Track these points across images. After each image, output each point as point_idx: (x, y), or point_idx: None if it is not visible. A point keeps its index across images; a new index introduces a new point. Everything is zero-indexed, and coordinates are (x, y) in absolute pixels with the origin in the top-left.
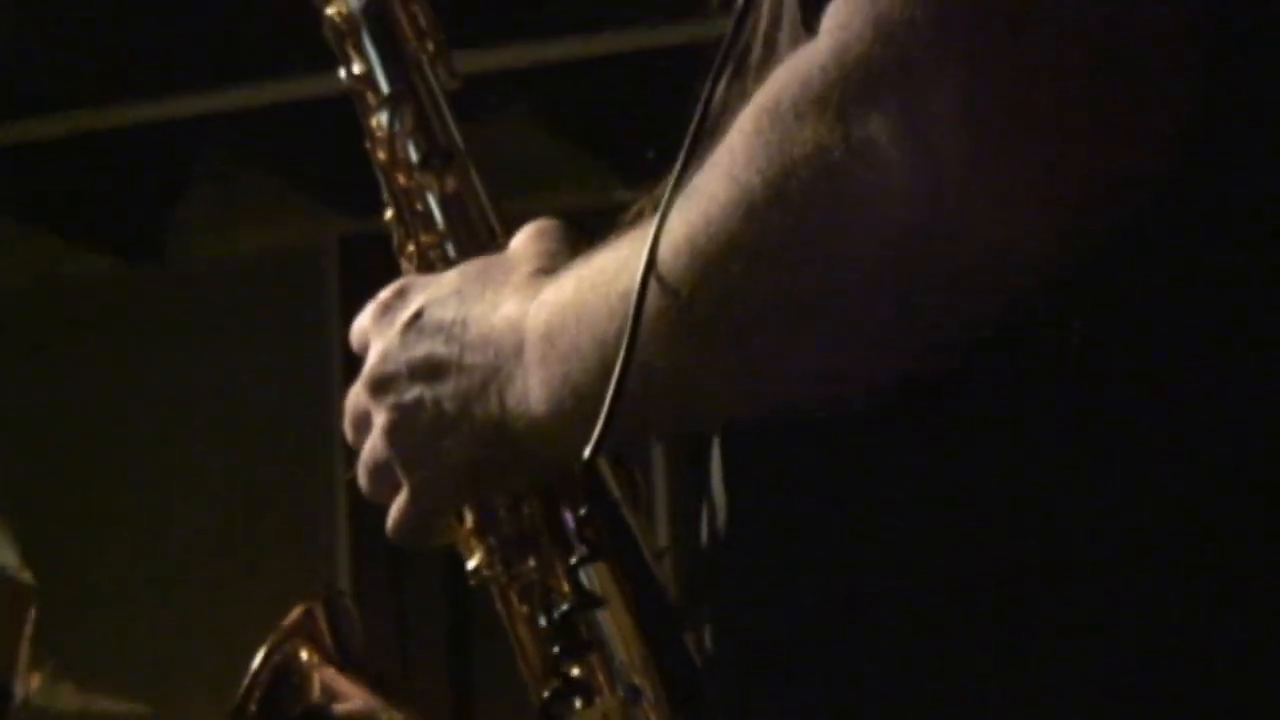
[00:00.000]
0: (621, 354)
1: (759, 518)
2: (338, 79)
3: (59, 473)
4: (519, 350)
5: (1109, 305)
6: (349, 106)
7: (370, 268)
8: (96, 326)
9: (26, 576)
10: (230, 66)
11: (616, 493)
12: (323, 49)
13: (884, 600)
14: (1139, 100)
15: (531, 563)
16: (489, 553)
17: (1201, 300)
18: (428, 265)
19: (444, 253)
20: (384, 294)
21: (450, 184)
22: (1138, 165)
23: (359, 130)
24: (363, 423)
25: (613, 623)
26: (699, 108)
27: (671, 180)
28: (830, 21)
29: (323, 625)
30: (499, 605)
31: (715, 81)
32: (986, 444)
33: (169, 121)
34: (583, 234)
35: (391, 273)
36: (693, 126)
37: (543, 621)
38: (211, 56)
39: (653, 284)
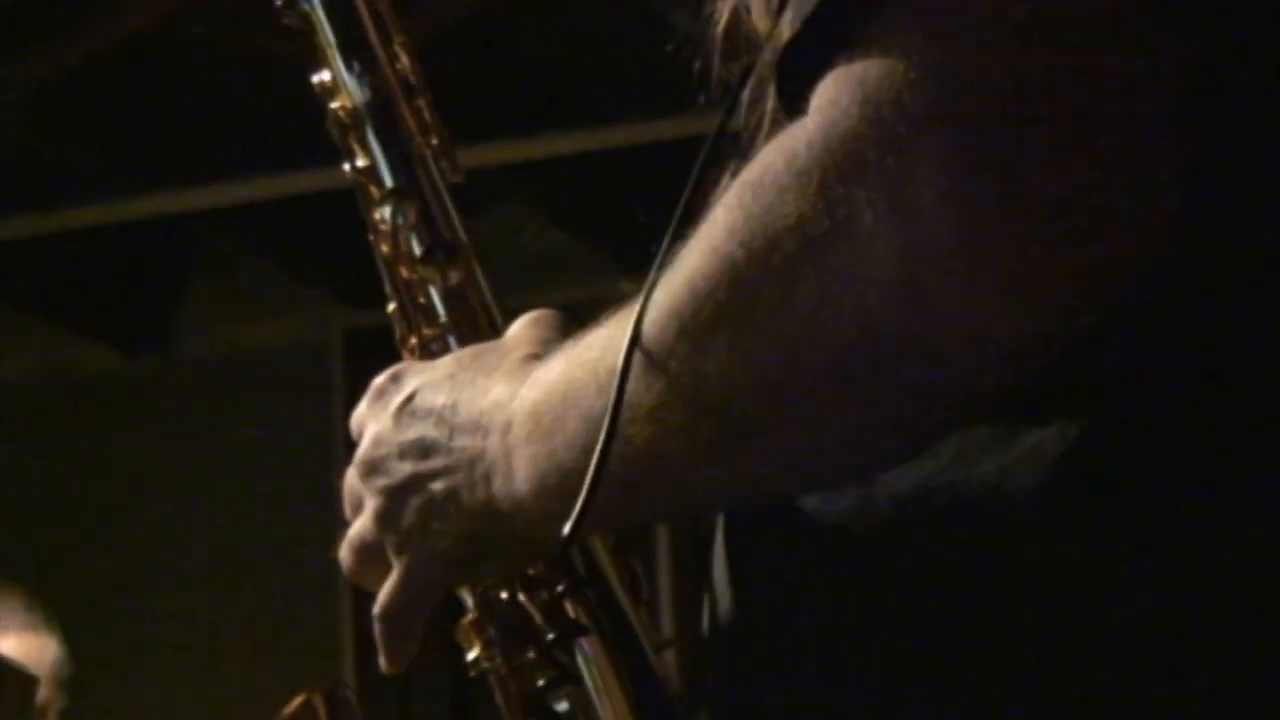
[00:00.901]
0: (604, 427)
1: (761, 606)
2: (341, 172)
3: (62, 562)
4: (506, 430)
5: (1094, 401)
6: (353, 200)
7: (375, 361)
8: (101, 418)
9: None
10: (234, 160)
11: (614, 582)
12: (326, 142)
13: (888, 689)
14: (1128, 188)
15: (530, 654)
16: (487, 645)
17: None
18: (429, 358)
19: (446, 345)
20: (379, 379)
21: (453, 277)
22: (1125, 253)
23: (363, 223)
24: (357, 505)
25: (609, 711)
26: (687, 188)
27: (659, 256)
28: (819, 98)
29: (322, 718)
30: (498, 697)
31: (705, 162)
32: (981, 542)
33: (173, 215)
34: (580, 324)
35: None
36: (681, 205)
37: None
38: (215, 150)
39: (637, 358)
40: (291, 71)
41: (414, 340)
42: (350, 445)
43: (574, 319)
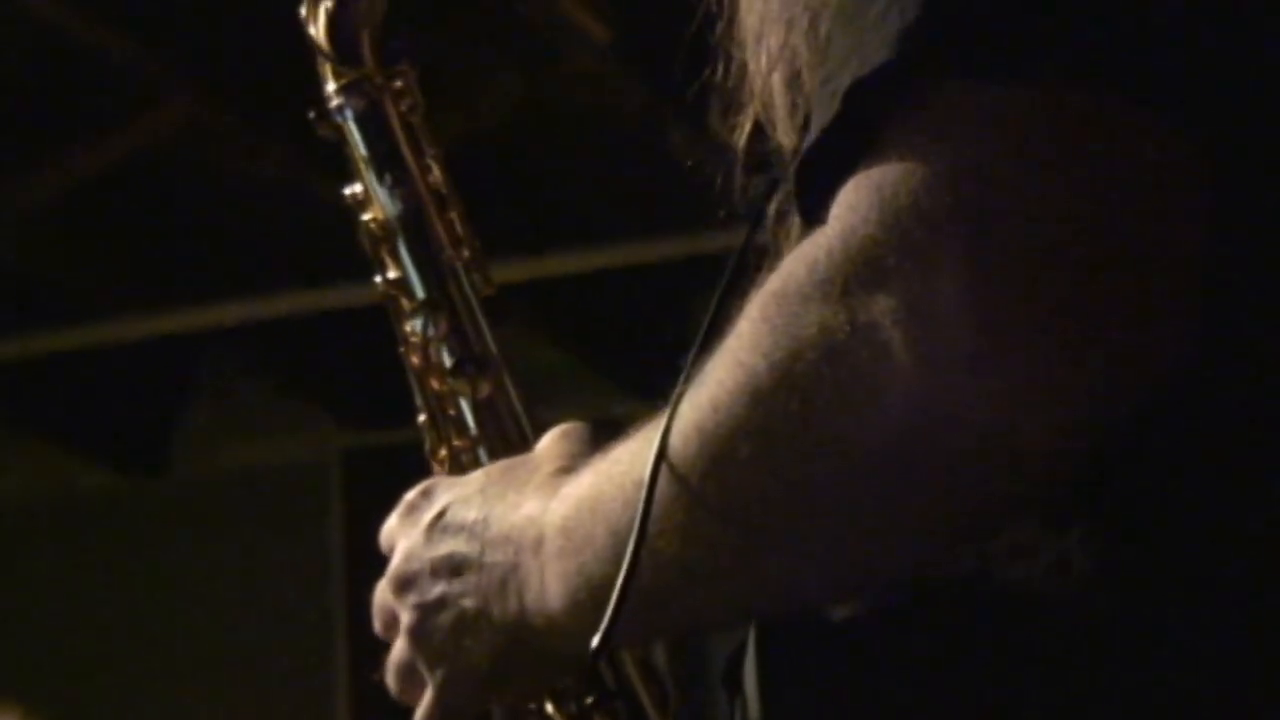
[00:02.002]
0: (632, 540)
1: (791, 714)
2: (340, 292)
3: (58, 680)
4: (537, 546)
5: (1118, 508)
6: (351, 320)
7: (373, 481)
8: (98, 538)
9: None
10: (231, 281)
11: (643, 695)
12: (322, 263)
13: None
14: (1151, 294)
15: None
16: None
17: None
18: (459, 469)
19: (476, 458)
20: (410, 494)
21: (483, 390)
22: (1148, 359)
23: (362, 344)
24: (391, 622)
25: None
26: (714, 301)
27: (685, 369)
28: (839, 207)
29: None
30: None
31: (732, 276)
32: (1009, 652)
33: (170, 335)
34: (608, 435)
35: (394, 487)
36: (707, 319)
37: None
38: (212, 271)
39: (664, 472)
40: (287, 193)
41: (444, 452)
42: (351, 567)
43: (603, 431)
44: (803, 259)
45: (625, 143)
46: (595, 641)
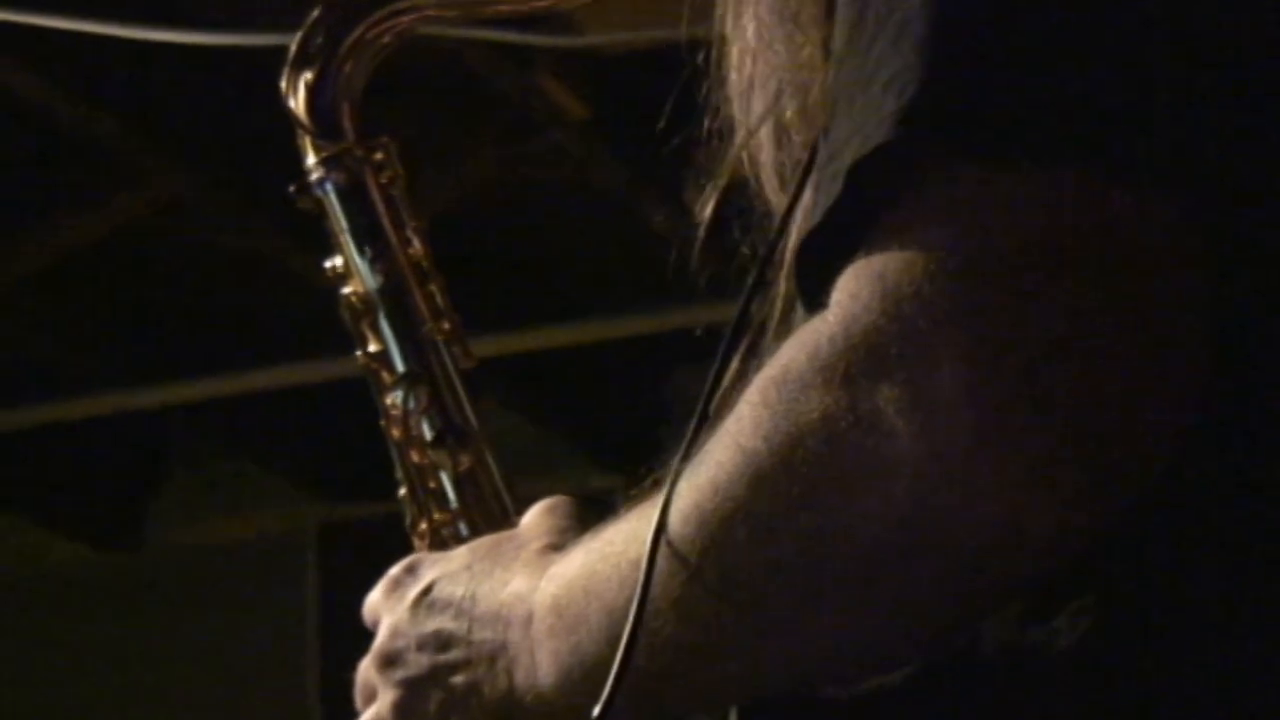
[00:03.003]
0: (630, 619)
1: None
2: (316, 367)
3: None
4: (527, 624)
5: (1106, 591)
6: (328, 394)
7: (349, 555)
8: (74, 612)
9: None
10: (206, 356)
11: None
12: (297, 338)
13: None
14: (1151, 387)
15: None
16: None
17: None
18: (440, 543)
19: (456, 531)
20: (395, 570)
21: (464, 462)
22: (1146, 451)
23: (338, 419)
24: (371, 698)
25: None
26: (709, 382)
27: (681, 449)
28: (840, 293)
29: None
30: None
31: (725, 358)
32: None
33: (145, 410)
34: (593, 512)
35: (370, 561)
36: (703, 398)
37: None
38: (187, 346)
39: (662, 552)
40: (264, 269)
41: (424, 525)
42: (325, 640)
43: (588, 507)
44: (804, 345)
45: (603, 218)
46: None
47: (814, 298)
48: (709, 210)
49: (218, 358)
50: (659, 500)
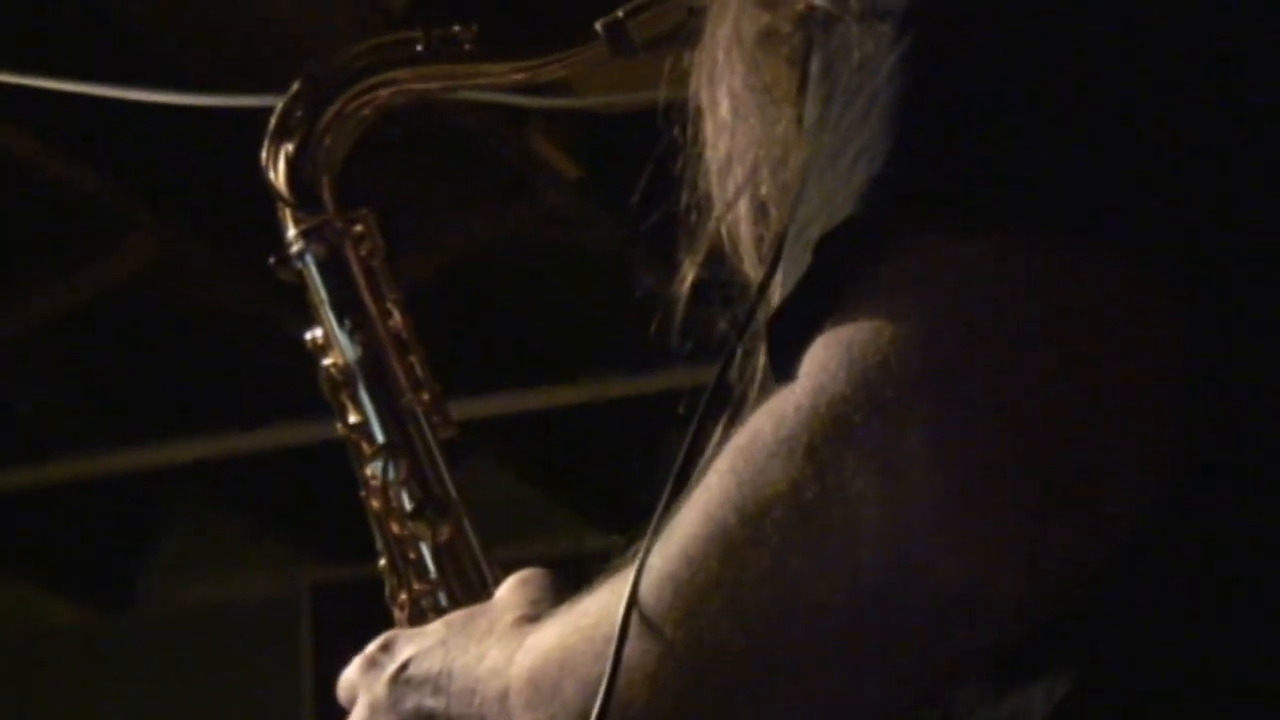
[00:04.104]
0: (601, 693)
1: None
2: (308, 427)
3: None
4: (503, 698)
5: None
6: (320, 454)
7: (342, 615)
8: (67, 673)
9: None
10: (199, 416)
11: None
12: (290, 399)
13: None
14: (1119, 454)
15: None
16: None
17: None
18: (419, 614)
19: (436, 602)
20: (370, 647)
21: (443, 533)
22: (1115, 518)
23: (330, 478)
24: None
25: None
26: (681, 450)
27: (653, 522)
28: (808, 364)
29: None
30: None
31: (698, 425)
32: None
33: (139, 470)
34: (568, 582)
35: (364, 620)
36: (675, 469)
37: None
38: (181, 405)
39: (634, 624)
40: (256, 328)
41: (404, 596)
42: (319, 701)
43: (562, 577)
44: (772, 414)
45: (596, 278)
46: None
47: (785, 369)
48: (687, 285)
49: (210, 418)
50: (631, 572)
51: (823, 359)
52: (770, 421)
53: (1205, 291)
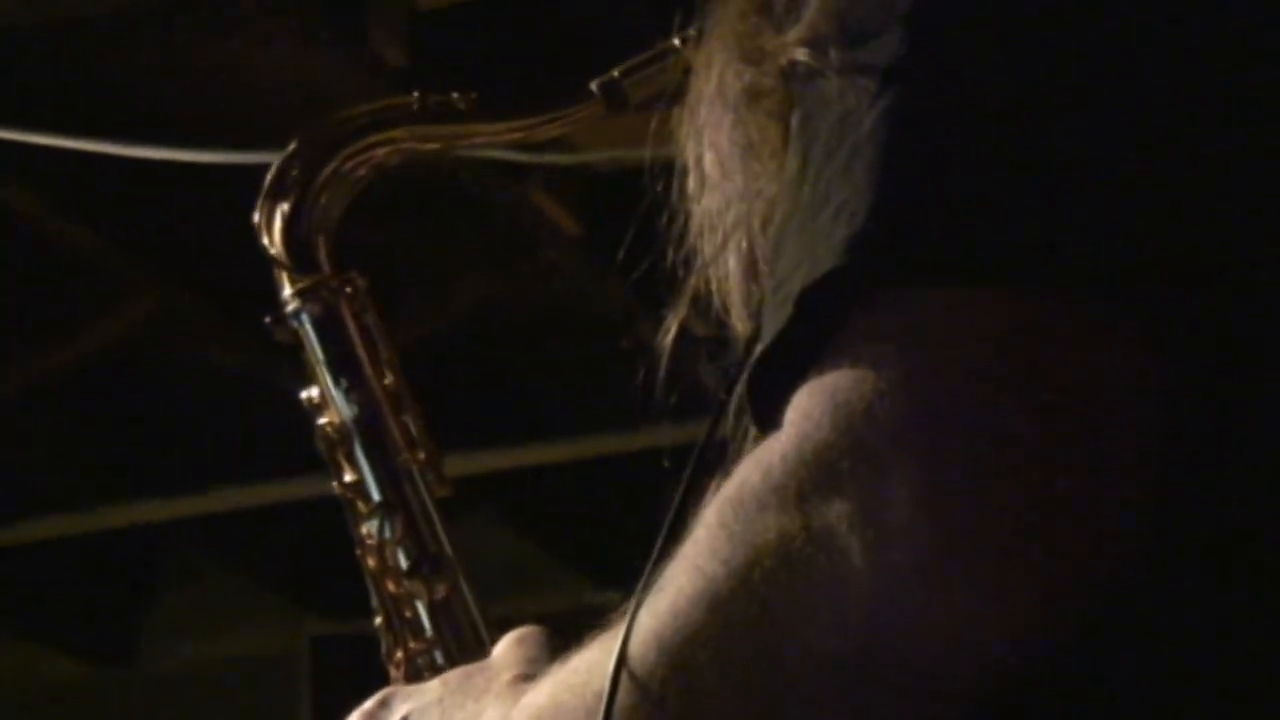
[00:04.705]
0: None
1: None
2: (307, 483)
3: None
4: None
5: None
6: (319, 509)
7: (342, 669)
8: None
9: None
10: (198, 471)
11: None
12: (289, 454)
13: None
14: (1104, 500)
15: None
16: None
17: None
18: (415, 672)
19: (432, 660)
20: (368, 703)
21: (439, 591)
22: (1100, 565)
23: (329, 533)
24: None
25: None
26: (672, 507)
27: (643, 578)
28: (793, 413)
29: None
30: None
31: (688, 482)
32: None
33: (138, 526)
34: (564, 639)
35: (363, 675)
36: (665, 525)
37: None
38: (180, 461)
39: (625, 681)
40: (255, 385)
41: (400, 654)
42: None
43: (559, 634)
44: (758, 465)
45: (594, 335)
46: None
47: (766, 420)
48: (669, 338)
49: (210, 473)
50: (621, 628)
51: (807, 407)
52: (757, 472)
53: (1187, 343)
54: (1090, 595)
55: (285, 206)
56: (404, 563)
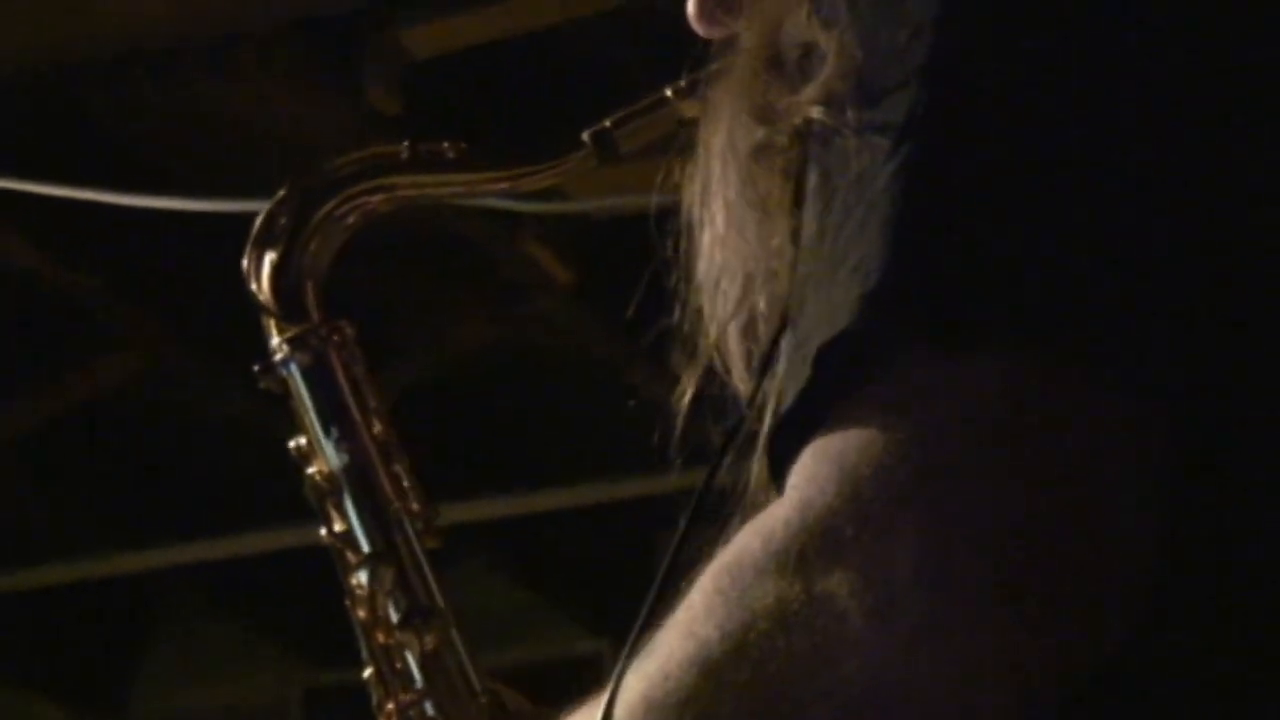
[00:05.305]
0: None
1: None
2: (300, 532)
3: None
4: None
5: None
6: (311, 559)
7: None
8: None
9: None
10: (192, 519)
11: None
12: (282, 502)
13: None
14: (1104, 568)
15: None
16: None
17: None
18: None
19: (423, 711)
20: None
21: (430, 642)
22: (1102, 634)
23: (322, 582)
24: None
25: None
26: (663, 565)
27: (630, 641)
28: (796, 477)
29: None
30: None
31: (682, 539)
32: None
33: (130, 574)
34: (557, 689)
35: None
36: (656, 584)
37: None
38: (173, 509)
39: None
40: (249, 433)
41: (391, 706)
42: None
43: (552, 684)
44: (759, 531)
45: (588, 383)
46: None
47: (778, 478)
48: (686, 400)
49: (202, 521)
50: (605, 695)
51: (812, 472)
52: (758, 539)
53: (1197, 416)
54: (1093, 661)
55: (274, 254)
56: (394, 614)
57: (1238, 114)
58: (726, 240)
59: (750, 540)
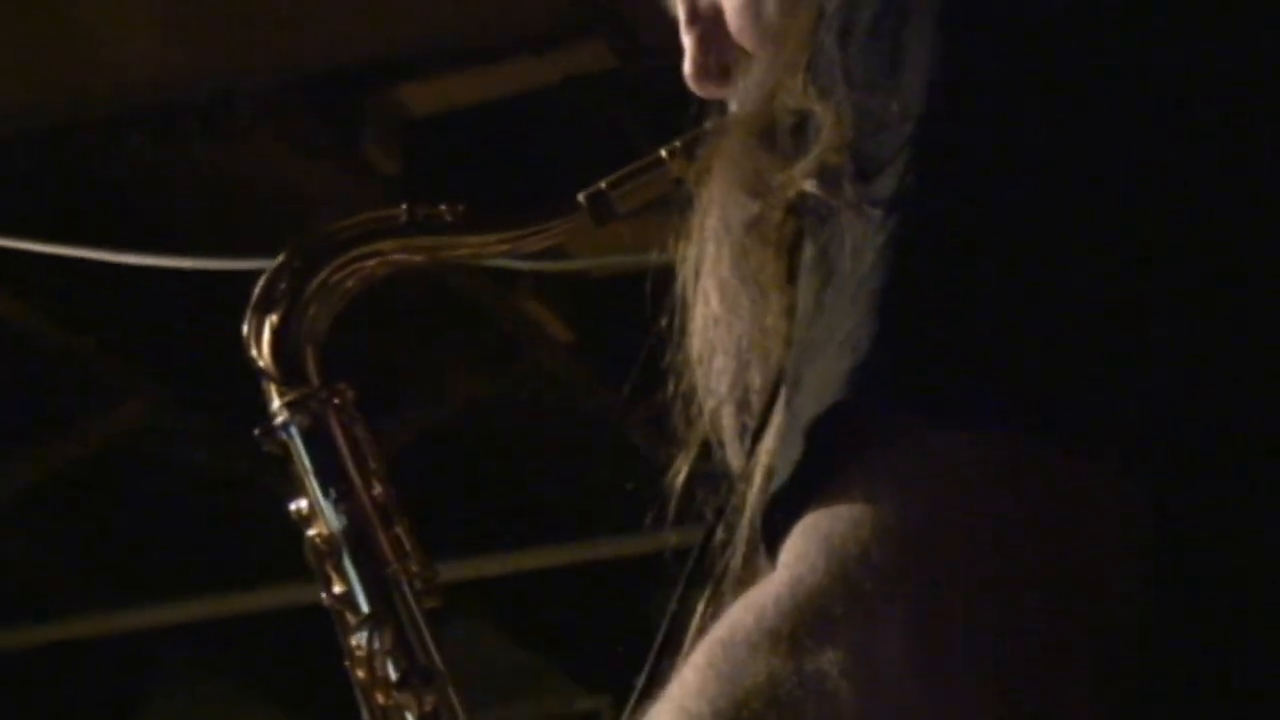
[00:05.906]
0: None
1: None
2: (297, 590)
3: None
4: None
5: None
6: (310, 616)
7: None
8: None
9: None
10: (189, 577)
11: None
12: (282, 560)
13: None
14: (1094, 651)
15: None
16: None
17: None
18: None
19: None
20: None
21: (429, 703)
22: (1098, 697)
23: (319, 642)
24: None
25: None
26: (659, 635)
27: (626, 713)
28: (788, 555)
29: None
30: None
31: (678, 604)
32: None
33: (126, 632)
34: None
35: None
36: (653, 652)
37: None
38: (171, 567)
39: None
40: (248, 490)
41: None
42: None
43: None
44: (750, 607)
45: (587, 441)
46: None
47: (771, 546)
48: (681, 478)
49: (199, 579)
50: None
51: (802, 549)
52: (750, 614)
53: (1182, 491)
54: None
55: (274, 318)
56: (393, 674)
57: (1228, 192)
58: (720, 319)
59: (743, 616)
